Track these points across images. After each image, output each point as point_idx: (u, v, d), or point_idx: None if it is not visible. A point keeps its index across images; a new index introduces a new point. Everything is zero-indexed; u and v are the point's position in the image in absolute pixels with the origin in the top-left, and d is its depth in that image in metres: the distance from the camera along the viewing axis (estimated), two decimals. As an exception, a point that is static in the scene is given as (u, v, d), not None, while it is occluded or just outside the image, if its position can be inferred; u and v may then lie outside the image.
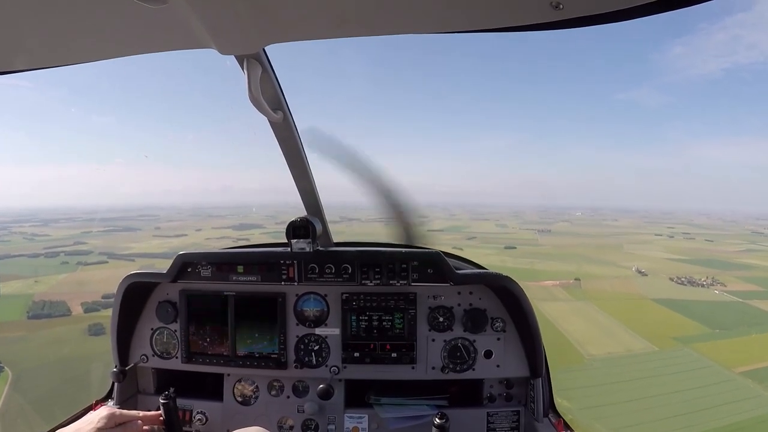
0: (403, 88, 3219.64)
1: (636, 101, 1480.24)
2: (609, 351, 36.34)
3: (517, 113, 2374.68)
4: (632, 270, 63.82)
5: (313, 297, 2.93)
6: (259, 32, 1.50)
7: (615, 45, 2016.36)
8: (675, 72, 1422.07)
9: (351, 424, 2.86)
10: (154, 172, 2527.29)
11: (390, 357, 2.84)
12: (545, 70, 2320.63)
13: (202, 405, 2.98)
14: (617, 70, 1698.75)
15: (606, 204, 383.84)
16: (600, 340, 38.57)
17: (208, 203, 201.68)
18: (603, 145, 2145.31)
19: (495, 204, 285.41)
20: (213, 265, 2.89)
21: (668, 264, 69.22)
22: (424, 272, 2.78)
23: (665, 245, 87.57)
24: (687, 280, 58.50)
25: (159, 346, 3.01)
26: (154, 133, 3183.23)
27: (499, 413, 2.84)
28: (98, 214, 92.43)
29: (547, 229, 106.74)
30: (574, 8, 1.21)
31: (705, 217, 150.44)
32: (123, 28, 1.47)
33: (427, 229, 3.62)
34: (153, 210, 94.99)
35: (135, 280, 2.89)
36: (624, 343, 37.99)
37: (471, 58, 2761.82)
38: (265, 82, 1.90)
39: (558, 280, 55.76)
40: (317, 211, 2.88)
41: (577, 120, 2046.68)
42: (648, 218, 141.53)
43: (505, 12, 1.30)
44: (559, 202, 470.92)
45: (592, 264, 66.62)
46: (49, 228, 62.48)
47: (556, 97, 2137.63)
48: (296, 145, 2.39)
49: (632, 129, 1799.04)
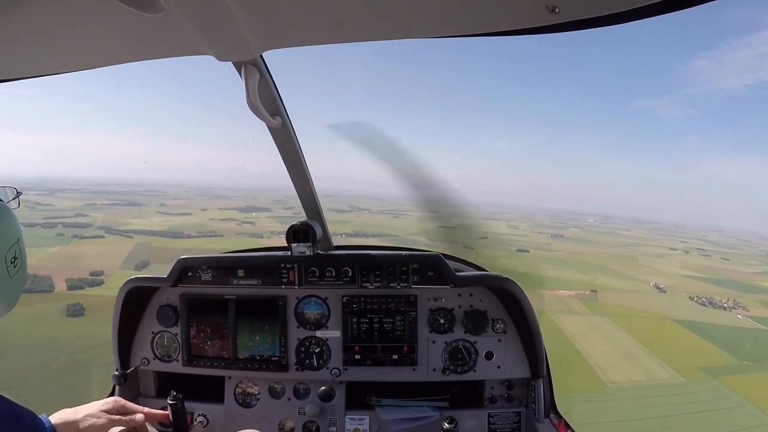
0: (415, 84, 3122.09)
1: (653, 111, 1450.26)
2: (631, 379, 32.44)
3: (534, 116, 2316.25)
4: (650, 285, 59.32)
5: (313, 300, 2.94)
6: (257, 38, 1.48)
7: (639, 54, 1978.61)
8: (697, 85, 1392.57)
9: (352, 426, 2.86)
10: (166, 148, 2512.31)
11: (391, 359, 2.85)
12: (566, 73, 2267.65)
13: (203, 408, 2.99)
14: (639, 79, 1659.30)
15: (617, 212, 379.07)
16: (621, 364, 34.51)
17: (217, 183, 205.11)
18: (614, 156, 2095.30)
19: (505, 204, 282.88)
20: (213, 270, 2.87)
21: (685, 281, 64.74)
22: (424, 274, 2.76)
23: (681, 260, 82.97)
24: (708, 300, 53.97)
25: (160, 349, 3.03)
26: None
27: (500, 414, 2.85)
28: (106, 186, 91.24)
29: (560, 234, 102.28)
30: (571, 12, 1.21)
31: (718, 234, 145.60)
32: (121, 35, 1.48)
33: (438, 225, 3.57)
34: (161, 186, 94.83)
35: (135, 285, 2.90)
36: (646, 369, 33.89)
37: (493, 59, 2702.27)
38: (263, 87, 1.87)
39: (573, 291, 51.44)
40: (317, 214, 2.83)
41: (594, 127, 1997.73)
42: (660, 230, 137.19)
43: (501, 16, 1.31)
44: (570, 207, 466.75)
45: (608, 275, 62.27)
46: (54, 198, 60.85)
47: (573, 103, 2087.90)
48: (295, 149, 2.37)
49: (648, 139, 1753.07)
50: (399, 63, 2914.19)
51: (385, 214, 58.45)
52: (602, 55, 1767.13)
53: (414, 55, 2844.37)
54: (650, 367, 34.30)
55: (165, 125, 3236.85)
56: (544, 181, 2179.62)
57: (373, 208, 76.07)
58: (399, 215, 64.04)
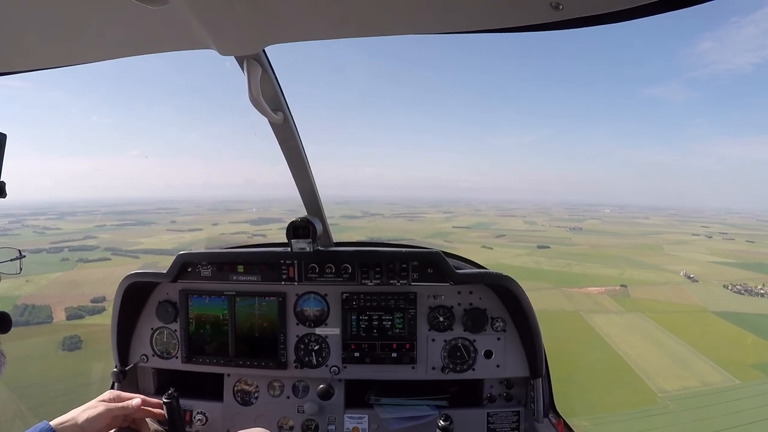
0: (419, 85, 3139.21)
1: (662, 97, 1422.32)
2: (683, 385, 28.65)
3: (541, 111, 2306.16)
4: (680, 275, 55.51)
5: (313, 297, 2.90)
6: (259, 33, 1.48)
7: (644, 40, 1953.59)
8: (703, 67, 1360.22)
9: (351, 425, 2.83)
10: (177, 165, 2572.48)
11: (390, 357, 2.82)
12: (568, 66, 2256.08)
13: (202, 405, 2.95)
14: (646, 65, 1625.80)
15: (632, 201, 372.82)
16: (668, 368, 30.52)
17: (230, 196, 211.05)
18: (624, 145, 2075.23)
19: (520, 200, 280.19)
20: (213, 265, 2.87)
21: (715, 268, 60.71)
22: (424, 272, 2.76)
23: (706, 246, 79.28)
24: (743, 288, 50.24)
25: (159, 345, 3.00)
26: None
27: (499, 413, 2.81)
28: (118, 207, 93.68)
29: (578, 226, 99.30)
30: (574, 9, 1.21)
31: (737, 216, 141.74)
32: (123, 29, 1.47)
33: (454, 225, 2.68)
34: (173, 203, 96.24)
35: (135, 280, 2.88)
36: (696, 372, 30.02)
37: (491, 56, 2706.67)
38: (265, 82, 1.86)
39: (603, 287, 48.01)
40: (317, 211, 2.78)
41: (603, 117, 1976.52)
42: (678, 216, 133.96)
43: (504, 12, 1.30)
44: (584, 198, 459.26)
45: (636, 267, 58.60)
46: (64, 221, 61.22)
47: (580, 94, 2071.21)
48: (297, 145, 2.32)
49: (656, 125, 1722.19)
50: (395, 62, 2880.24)
51: (399, 218, 56.86)
52: (604, 46, 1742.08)
53: (410, 54, 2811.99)
54: (700, 369, 30.43)
55: (178, 140, 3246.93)
56: (555, 176, 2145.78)
57: (386, 213, 74.58)
58: (413, 218, 62.44)
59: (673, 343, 34.52)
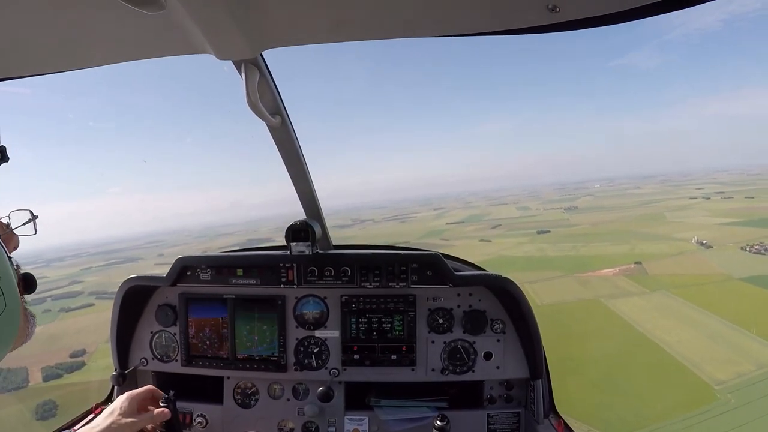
0: (399, 84, 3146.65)
1: (637, 65, 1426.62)
2: (738, 371, 24.73)
3: (516, 95, 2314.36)
4: (692, 242, 52.55)
5: (312, 299, 2.83)
6: (257, 37, 1.47)
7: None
8: (672, 29, 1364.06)
9: (351, 427, 2.75)
10: (164, 198, 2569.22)
11: (390, 359, 2.74)
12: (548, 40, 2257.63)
13: (202, 408, 2.87)
14: (612, 37, 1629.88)
15: (620, 173, 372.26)
16: (714, 352, 26.73)
17: (218, 222, 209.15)
18: (605, 116, 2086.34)
19: (509, 187, 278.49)
20: (212, 269, 2.79)
21: (724, 230, 58.20)
22: (423, 274, 2.66)
23: (707, 208, 76.69)
24: (762, 247, 47.12)
25: (159, 349, 2.93)
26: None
27: (500, 415, 2.73)
28: (106, 245, 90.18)
29: (573, 206, 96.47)
30: (571, 11, 1.22)
31: (726, 174, 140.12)
32: (121, 34, 1.46)
33: (447, 222, 3.41)
34: (160, 236, 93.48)
35: (134, 284, 2.82)
36: (746, 352, 26.21)
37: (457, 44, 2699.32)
38: (262, 86, 1.84)
39: (617, 267, 44.66)
40: (316, 214, 2.77)
41: (582, 93, 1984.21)
42: (670, 182, 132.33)
43: (501, 16, 1.31)
44: (572, 177, 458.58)
45: (644, 240, 55.65)
46: (50, 269, 56.88)
47: (560, 70, 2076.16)
48: (295, 148, 2.33)
49: (635, 93, 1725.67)
50: (370, 64, 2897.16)
51: (390, 222, 53.57)
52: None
53: (386, 53, 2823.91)
54: (749, 349, 26.72)
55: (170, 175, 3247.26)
56: (541, 157, 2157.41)
57: (376, 218, 71.05)
58: (405, 220, 58.97)
59: (710, 321, 30.96)
